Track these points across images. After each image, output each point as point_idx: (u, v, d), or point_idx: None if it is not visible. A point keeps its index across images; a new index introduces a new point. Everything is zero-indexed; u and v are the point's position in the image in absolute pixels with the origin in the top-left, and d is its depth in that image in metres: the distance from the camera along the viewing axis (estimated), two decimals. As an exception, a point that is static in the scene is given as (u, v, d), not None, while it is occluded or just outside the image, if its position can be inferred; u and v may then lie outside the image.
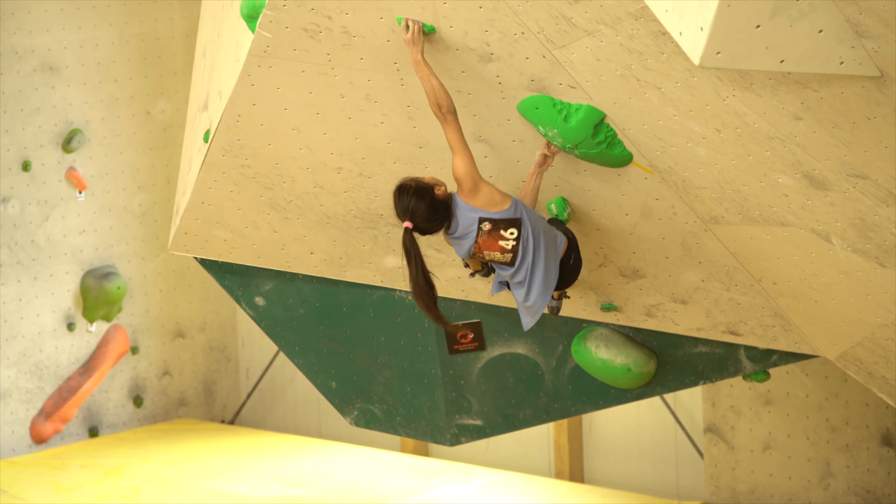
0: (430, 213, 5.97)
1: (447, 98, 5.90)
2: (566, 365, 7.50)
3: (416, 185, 5.97)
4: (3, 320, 11.45)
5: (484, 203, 6.00)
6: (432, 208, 5.97)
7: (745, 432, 9.30)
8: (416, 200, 5.95)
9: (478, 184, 5.98)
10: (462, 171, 5.96)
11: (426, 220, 5.98)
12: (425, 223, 5.99)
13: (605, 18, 5.46)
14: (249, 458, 11.36)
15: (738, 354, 7.34)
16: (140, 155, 12.11)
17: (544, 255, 6.13)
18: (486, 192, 6.00)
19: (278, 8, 5.99)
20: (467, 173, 5.96)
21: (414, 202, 5.95)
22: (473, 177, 5.97)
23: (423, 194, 5.96)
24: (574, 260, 6.34)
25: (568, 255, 6.30)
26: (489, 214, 6.01)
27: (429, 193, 5.96)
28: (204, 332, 12.75)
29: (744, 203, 6.17)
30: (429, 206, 5.96)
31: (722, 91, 5.37)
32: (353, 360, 7.73)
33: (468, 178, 5.96)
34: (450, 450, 11.16)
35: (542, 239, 6.11)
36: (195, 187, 7.08)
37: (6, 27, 11.27)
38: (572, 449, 10.62)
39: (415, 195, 5.96)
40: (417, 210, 5.95)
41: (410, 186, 5.97)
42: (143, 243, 12.22)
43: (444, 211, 6.01)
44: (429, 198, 5.97)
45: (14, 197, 11.46)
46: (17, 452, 11.55)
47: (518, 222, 6.04)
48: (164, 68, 12.17)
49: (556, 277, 6.22)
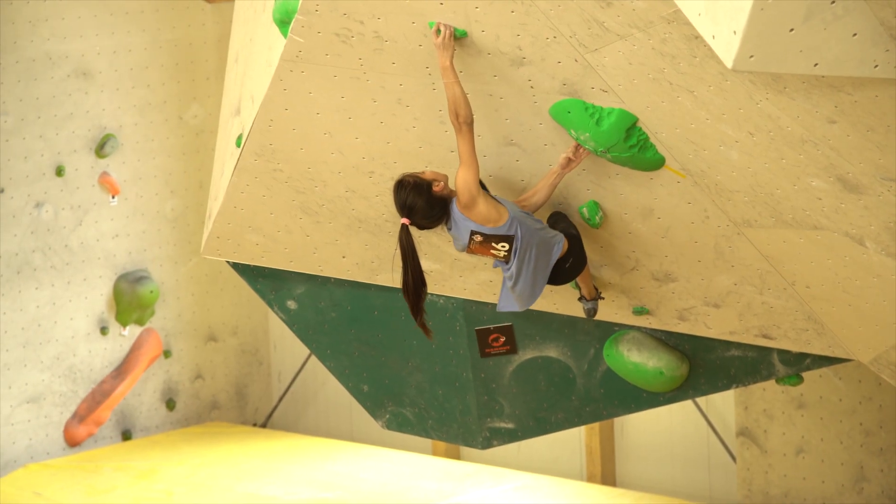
0: (428, 210, 6.03)
1: (467, 108, 5.93)
2: (598, 368, 7.49)
3: (415, 182, 6.03)
4: (38, 324, 11.51)
5: (478, 218, 6.06)
6: (430, 205, 6.04)
7: (778, 436, 9.27)
8: (414, 196, 6.02)
9: (475, 199, 6.03)
10: (462, 185, 6.01)
11: (424, 217, 6.06)
12: (423, 220, 6.07)
13: (638, 22, 5.46)
14: (281, 461, 11.39)
15: (771, 358, 7.31)
16: (173, 160, 12.16)
17: (533, 266, 6.23)
18: (483, 208, 6.05)
19: (310, 13, 6.00)
20: (466, 188, 6.00)
21: (412, 198, 6.02)
22: (472, 192, 6.01)
23: (420, 190, 6.02)
24: (572, 263, 6.38)
25: (565, 258, 6.34)
26: (481, 229, 6.08)
27: (426, 190, 6.03)
28: (236, 336, 12.79)
29: (777, 206, 6.15)
30: (426, 203, 6.03)
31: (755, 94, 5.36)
32: (384, 364, 7.74)
33: (466, 193, 6.01)
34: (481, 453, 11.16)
35: (533, 253, 6.20)
36: (228, 191, 7.11)
37: (40, 33, 11.33)
38: (604, 452, 10.60)
39: (413, 191, 6.02)
40: (415, 206, 6.02)
41: (409, 182, 6.03)
42: (176, 247, 12.26)
43: (442, 208, 6.08)
44: (426, 194, 6.03)
45: (48, 202, 11.52)
46: (51, 455, 11.61)
47: (510, 238, 6.10)
48: (197, 73, 12.22)
49: (543, 284, 6.31)
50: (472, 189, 6.01)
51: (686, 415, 10.21)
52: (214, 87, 12.21)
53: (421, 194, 6.03)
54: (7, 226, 11.31)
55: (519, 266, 6.22)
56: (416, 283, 6.06)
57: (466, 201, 6.03)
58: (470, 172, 5.99)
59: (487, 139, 6.43)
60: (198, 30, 12.19)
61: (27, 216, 11.41)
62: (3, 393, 11.35)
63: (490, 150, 6.49)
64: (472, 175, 5.99)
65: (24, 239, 11.41)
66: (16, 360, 11.40)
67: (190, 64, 12.17)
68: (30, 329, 11.47)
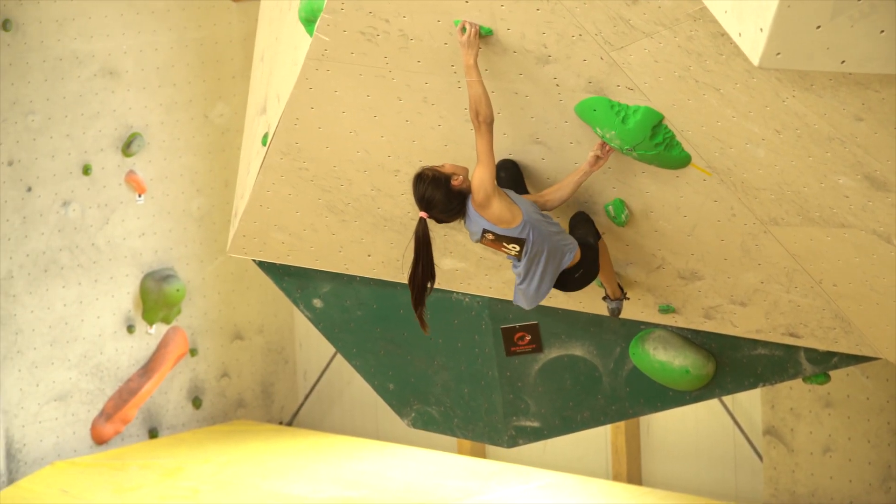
0: (447, 204, 6.05)
1: (488, 108, 5.93)
2: (624, 367, 7.48)
3: (434, 175, 6.04)
4: (65, 322, 11.56)
5: (491, 218, 6.07)
6: (448, 199, 6.05)
7: (805, 435, 9.23)
8: (433, 190, 6.03)
9: (490, 199, 6.03)
10: (478, 183, 6.02)
11: (442, 211, 6.07)
12: (441, 213, 6.08)
13: (664, 20, 5.45)
14: (307, 459, 11.40)
15: (798, 356, 7.29)
16: (198, 158, 12.19)
17: (541, 270, 6.24)
18: (496, 208, 6.06)
19: (336, 11, 6.01)
20: (482, 187, 6.01)
21: (430, 191, 6.03)
22: (487, 192, 6.02)
23: (439, 184, 6.03)
24: (581, 274, 6.38)
25: (575, 268, 6.34)
26: (493, 228, 6.10)
27: (445, 183, 6.04)
28: (262, 334, 12.82)
29: (804, 204, 6.13)
30: (445, 196, 6.04)
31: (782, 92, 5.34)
32: (410, 362, 7.75)
33: (481, 192, 6.02)
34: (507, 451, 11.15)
35: (543, 258, 6.21)
36: (254, 190, 7.12)
37: (67, 32, 11.38)
38: (630, 451, 10.58)
39: (431, 184, 6.03)
40: (434, 199, 6.04)
41: (428, 176, 6.04)
42: (202, 246, 12.30)
43: (461, 202, 6.10)
44: (444, 188, 6.04)
45: (75, 200, 11.57)
46: (78, 453, 11.66)
47: (521, 241, 6.11)
48: (223, 72, 12.25)
49: (548, 289, 6.32)
50: (487, 188, 6.01)
51: (712, 413, 10.18)
52: (240, 85, 12.23)
53: (439, 188, 6.04)
54: (34, 224, 11.36)
55: (528, 267, 6.23)
56: (424, 276, 6.08)
57: (481, 200, 6.04)
58: (486, 172, 5.99)
59: (513, 137, 6.43)
60: (224, 29, 12.22)
61: (54, 215, 11.46)
62: (30, 391, 11.40)
63: (515, 148, 6.49)
64: (488, 174, 6.00)
65: (52, 237, 11.46)
66: (43, 359, 11.45)
67: (216, 63, 12.20)
68: (57, 327, 11.52)
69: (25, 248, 11.32)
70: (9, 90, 11.16)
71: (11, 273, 11.27)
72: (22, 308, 11.33)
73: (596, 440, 10.84)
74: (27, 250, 11.33)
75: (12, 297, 11.27)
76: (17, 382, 11.32)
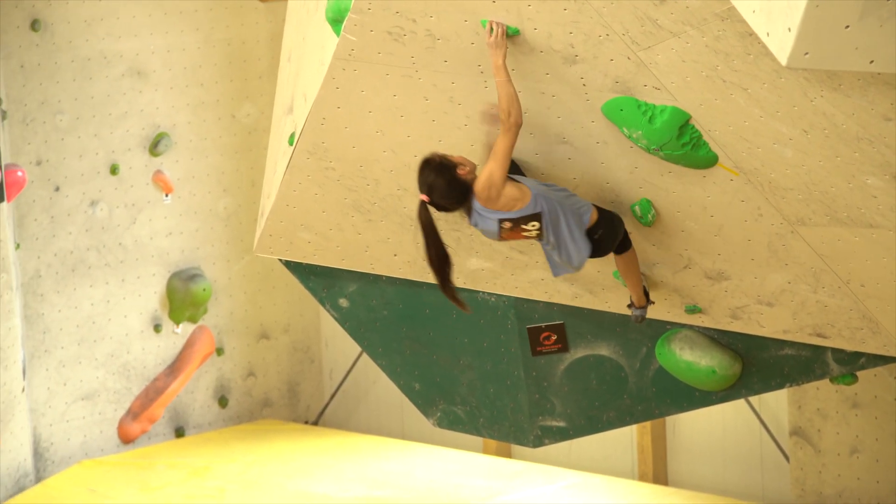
0: (448, 191, 6.03)
1: (519, 109, 5.92)
2: (650, 367, 7.47)
3: (440, 162, 6.04)
4: (92, 322, 11.61)
5: (504, 206, 6.05)
6: (450, 186, 6.04)
7: (832, 435, 9.20)
8: (436, 176, 6.02)
9: (500, 191, 6.03)
10: (487, 178, 6.01)
11: (442, 198, 6.05)
12: (441, 200, 6.06)
13: (691, 20, 5.44)
14: (333, 458, 11.42)
15: (826, 357, 7.27)
16: (225, 158, 12.23)
17: (569, 232, 6.20)
18: (508, 194, 6.05)
19: (363, 11, 6.02)
20: (492, 183, 6.01)
21: (433, 177, 6.03)
22: (498, 187, 6.01)
23: (443, 171, 6.02)
24: (602, 234, 6.32)
25: (595, 229, 6.31)
26: (508, 215, 6.08)
27: (449, 171, 6.03)
28: (288, 334, 12.84)
29: (831, 204, 6.11)
30: (447, 184, 6.03)
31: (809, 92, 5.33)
32: (436, 362, 7.75)
33: (492, 188, 6.02)
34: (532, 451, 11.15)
35: (564, 221, 6.17)
36: (280, 190, 7.14)
37: (95, 32, 11.43)
38: (656, 451, 10.57)
39: (435, 170, 6.03)
40: (435, 185, 6.02)
41: (434, 161, 6.05)
42: (229, 245, 12.33)
43: (463, 193, 6.06)
44: (448, 175, 6.03)
45: (103, 200, 11.62)
46: (105, 452, 11.71)
47: (538, 216, 6.09)
48: (250, 72, 12.28)
49: (586, 245, 6.26)
50: (497, 184, 6.01)
51: (739, 414, 10.16)
52: (267, 85, 12.26)
53: (443, 175, 6.03)
54: (62, 224, 11.41)
55: (555, 234, 6.19)
56: (439, 257, 6.07)
57: (491, 195, 6.03)
58: (499, 169, 5.99)
59: (539, 137, 6.43)
60: (251, 29, 12.25)
61: (82, 214, 11.51)
62: (58, 390, 11.45)
63: (542, 148, 6.49)
64: (499, 172, 5.99)
65: (79, 237, 11.51)
66: (71, 358, 11.50)
67: (243, 63, 12.24)
68: (84, 326, 11.57)
69: (53, 248, 11.38)
70: (37, 90, 11.22)
71: (39, 272, 11.32)
72: (50, 307, 11.38)
73: (622, 440, 10.82)
74: (55, 250, 11.39)
75: (40, 297, 11.33)
76: (44, 381, 11.37)
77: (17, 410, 10.69)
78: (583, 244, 6.27)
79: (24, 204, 11.20)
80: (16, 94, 11.12)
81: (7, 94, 11.07)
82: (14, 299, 10.60)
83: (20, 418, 10.75)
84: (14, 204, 11.08)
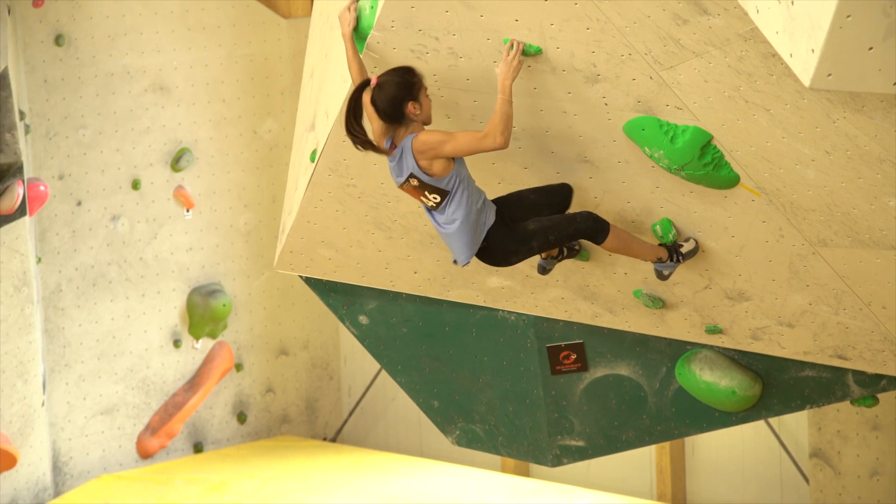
0: (389, 99, 5.90)
1: (510, 134, 5.87)
2: (670, 387, 7.45)
3: (410, 81, 5.92)
4: (112, 336, 11.63)
5: (424, 166, 5.99)
6: (393, 101, 5.91)
7: (852, 458, 9.17)
8: (396, 82, 5.91)
9: (439, 156, 5.94)
10: (435, 144, 5.92)
11: (382, 98, 5.91)
12: (379, 97, 5.91)
13: (714, 40, 5.44)
14: (351, 475, 11.42)
15: (846, 379, 7.24)
16: (246, 174, 12.26)
17: (460, 226, 6.10)
18: (436, 164, 5.97)
19: (386, 29, 6.03)
20: (435, 150, 5.91)
21: (392, 80, 5.91)
22: (435, 154, 5.91)
23: (404, 87, 5.91)
24: (491, 245, 6.18)
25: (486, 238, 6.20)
26: (421, 175, 6.00)
27: (408, 92, 5.92)
28: (307, 350, 12.85)
29: (853, 226, 6.09)
30: (393, 97, 5.91)
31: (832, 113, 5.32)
32: (455, 380, 7.75)
33: (430, 151, 5.91)
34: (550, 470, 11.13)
35: (461, 209, 6.07)
36: (301, 206, 7.15)
37: (118, 48, 11.48)
38: (674, 471, 10.54)
39: (401, 77, 5.92)
40: (388, 85, 5.91)
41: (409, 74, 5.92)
42: (249, 261, 12.35)
43: (395, 117, 5.94)
44: (402, 93, 5.92)
45: (124, 215, 11.65)
46: (123, 467, 11.72)
47: (444, 193, 6.04)
48: (272, 88, 12.32)
49: (473, 247, 6.15)
50: (437, 153, 5.92)
51: (758, 435, 10.12)
52: (289, 102, 12.29)
53: (402, 89, 5.93)
54: (84, 238, 11.45)
55: (447, 220, 6.14)
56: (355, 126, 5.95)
57: (425, 154, 5.95)
58: (451, 150, 5.90)
59: (561, 156, 6.43)
60: (273, 45, 12.29)
61: (103, 229, 11.54)
62: (77, 404, 11.48)
63: (563, 166, 6.48)
64: (449, 151, 5.91)
65: (101, 251, 11.55)
66: (90, 372, 11.53)
67: (265, 79, 12.27)
68: (104, 341, 11.60)
69: (74, 262, 11.41)
70: (61, 105, 11.27)
71: (60, 286, 11.36)
72: (70, 321, 11.41)
73: (640, 460, 10.79)
74: (76, 264, 11.42)
75: (61, 311, 11.36)
76: (64, 395, 11.40)
77: (37, 424, 10.72)
78: (470, 246, 6.17)
79: (45, 218, 11.24)
80: (39, 109, 11.17)
81: (30, 109, 11.12)
82: (35, 313, 10.63)
83: (40, 432, 10.77)
84: (36, 218, 11.12)
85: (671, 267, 6.60)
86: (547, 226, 6.27)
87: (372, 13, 6.06)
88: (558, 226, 6.31)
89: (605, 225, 6.37)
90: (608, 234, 6.38)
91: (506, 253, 6.22)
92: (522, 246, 6.23)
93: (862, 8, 4.43)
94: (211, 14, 11.92)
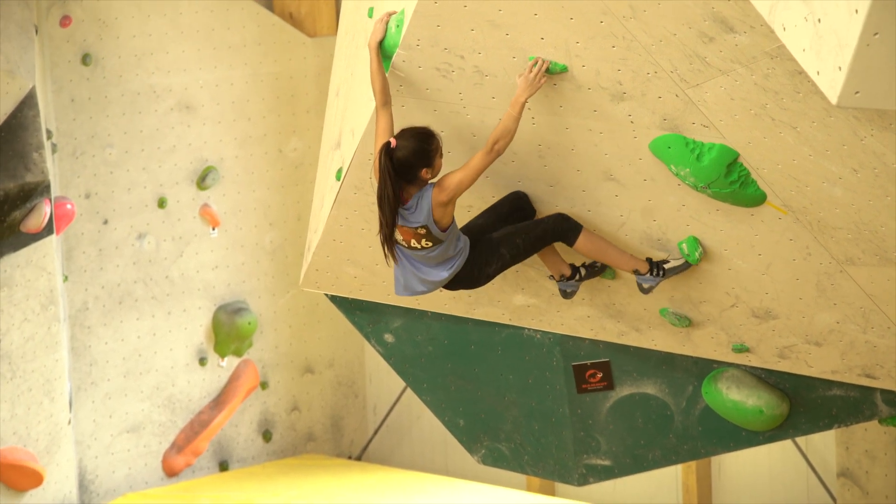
0: (407, 160, 5.99)
1: (506, 145, 5.96)
2: (696, 406, 7.42)
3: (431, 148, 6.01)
4: (138, 354, 11.66)
5: (438, 216, 6.06)
6: (407, 162, 5.99)
7: (881, 478, 9.11)
8: (416, 143, 5.99)
9: (453, 201, 6.05)
10: (456, 184, 6.01)
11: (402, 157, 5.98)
12: (402, 153, 5.98)
13: (740, 58, 5.43)
14: (376, 494, 11.40)
15: (874, 398, 7.20)
16: (272, 192, 12.28)
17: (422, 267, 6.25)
18: (450, 211, 6.08)
19: (412, 48, 6.04)
20: (458, 188, 6.01)
21: (412, 142, 6.00)
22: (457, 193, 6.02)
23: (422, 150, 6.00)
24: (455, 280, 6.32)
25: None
26: (431, 226, 6.09)
27: (425, 153, 6.01)
28: (332, 368, 12.85)
29: (881, 244, 6.06)
30: (411, 153, 5.99)
31: (860, 131, 5.30)
32: (480, 398, 7.73)
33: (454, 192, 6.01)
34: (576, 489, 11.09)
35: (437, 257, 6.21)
36: (327, 224, 7.16)
37: (145, 67, 11.52)
38: (701, 490, 10.49)
39: (419, 140, 6.00)
40: (407, 147, 5.99)
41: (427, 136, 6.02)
42: (274, 279, 12.37)
43: (408, 176, 6.03)
44: (421, 151, 6.00)
45: (150, 233, 11.69)
46: (149, 485, 11.73)
47: (439, 242, 6.14)
48: (297, 107, 12.34)
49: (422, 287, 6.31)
50: (460, 189, 6.02)
51: (785, 454, 10.07)
52: (314, 120, 12.31)
53: (416, 156, 6.02)
54: (110, 256, 11.48)
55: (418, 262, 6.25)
56: (394, 198, 6.04)
57: (445, 199, 6.04)
58: (468, 179, 6.00)
59: (587, 174, 6.42)
60: (299, 63, 12.32)
61: (129, 247, 11.58)
62: (103, 422, 11.50)
63: (589, 184, 6.47)
64: (468, 182, 6.01)
65: (126, 270, 11.58)
66: (116, 390, 11.55)
67: (291, 97, 12.30)
68: (130, 359, 11.62)
69: (101, 280, 11.45)
70: (87, 123, 11.31)
71: (87, 305, 11.39)
72: (97, 340, 11.44)
73: (667, 479, 10.75)
74: (102, 282, 11.46)
75: (87, 329, 11.39)
76: (90, 414, 11.42)
77: (64, 442, 10.74)
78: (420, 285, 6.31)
79: (72, 236, 11.29)
80: (66, 128, 11.22)
81: (57, 128, 11.17)
82: (61, 331, 10.66)
83: (66, 450, 10.79)
84: (63, 236, 11.16)
85: (652, 281, 6.63)
86: (512, 231, 6.40)
87: (398, 32, 6.07)
88: (524, 229, 6.42)
89: (577, 225, 6.46)
90: (580, 234, 6.45)
91: (478, 266, 6.35)
92: (491, 256, 6.35)
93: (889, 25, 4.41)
94: (237, 33, 11.96)
